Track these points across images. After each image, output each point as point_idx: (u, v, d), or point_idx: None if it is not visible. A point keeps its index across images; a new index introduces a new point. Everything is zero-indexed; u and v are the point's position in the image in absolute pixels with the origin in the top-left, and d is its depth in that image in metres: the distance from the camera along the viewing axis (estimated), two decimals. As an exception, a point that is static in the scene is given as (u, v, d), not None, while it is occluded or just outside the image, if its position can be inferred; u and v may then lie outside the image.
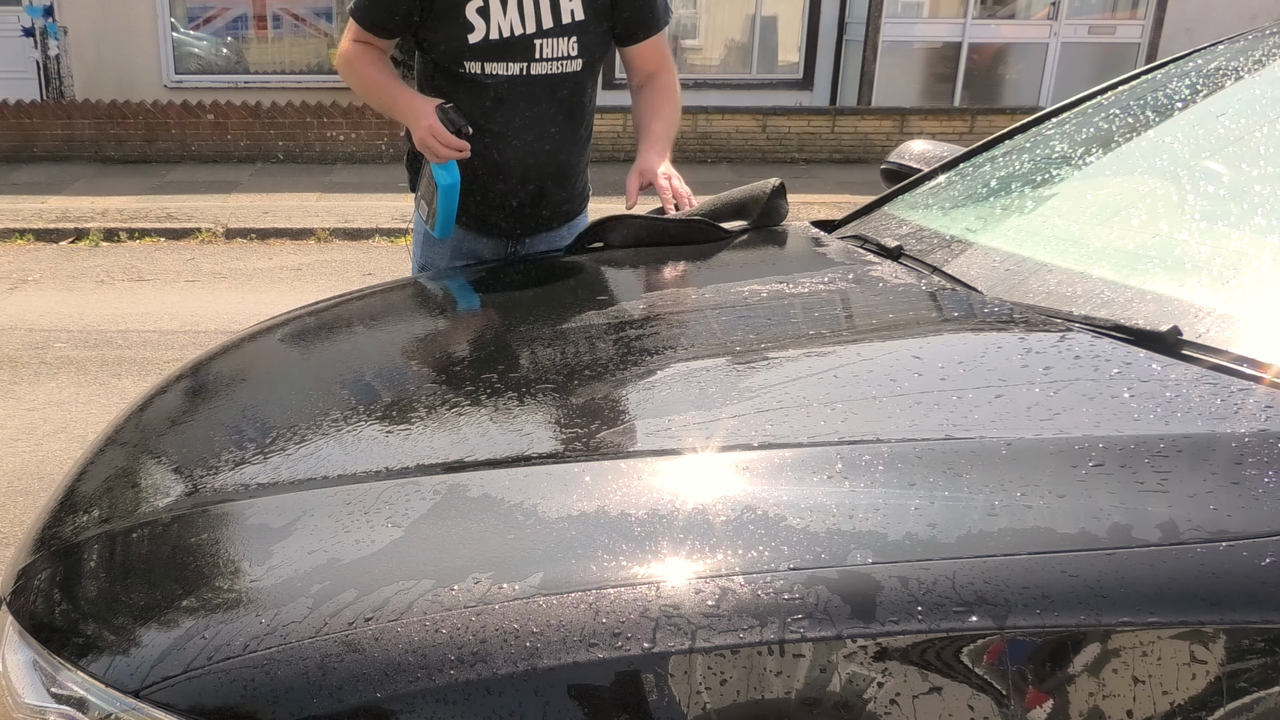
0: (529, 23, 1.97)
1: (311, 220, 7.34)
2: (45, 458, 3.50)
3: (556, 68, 2.01)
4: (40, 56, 9.99)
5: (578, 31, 2.00)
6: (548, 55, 2.00)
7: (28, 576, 1.08)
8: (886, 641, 0.79)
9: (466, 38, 1.96)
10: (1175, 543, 0.83)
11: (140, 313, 5.28)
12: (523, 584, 0.84)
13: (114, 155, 9.49)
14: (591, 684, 0.79)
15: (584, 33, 2.01)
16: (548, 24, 1.97)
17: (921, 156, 2.14)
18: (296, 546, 0.95)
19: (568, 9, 1.97)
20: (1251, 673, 0.81)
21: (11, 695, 0.98)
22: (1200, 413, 0.98)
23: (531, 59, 2.00)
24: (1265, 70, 1.62)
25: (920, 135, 8.45)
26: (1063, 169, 1.73)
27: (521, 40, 1.98)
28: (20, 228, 7.09)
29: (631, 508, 0.91)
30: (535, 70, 2.00)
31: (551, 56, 2.00)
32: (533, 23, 1.97)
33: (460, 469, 1.05)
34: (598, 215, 2.11)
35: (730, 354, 1.29)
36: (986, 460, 0.94)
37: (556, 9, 1.97)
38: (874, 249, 1.66)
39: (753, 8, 11.06)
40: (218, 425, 1.37)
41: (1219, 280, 1.27)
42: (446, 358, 1.50)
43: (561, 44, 2.00)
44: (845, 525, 0.87)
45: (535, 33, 1.97)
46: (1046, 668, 0.80)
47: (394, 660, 0.81)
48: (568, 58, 2.01)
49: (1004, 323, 1.25)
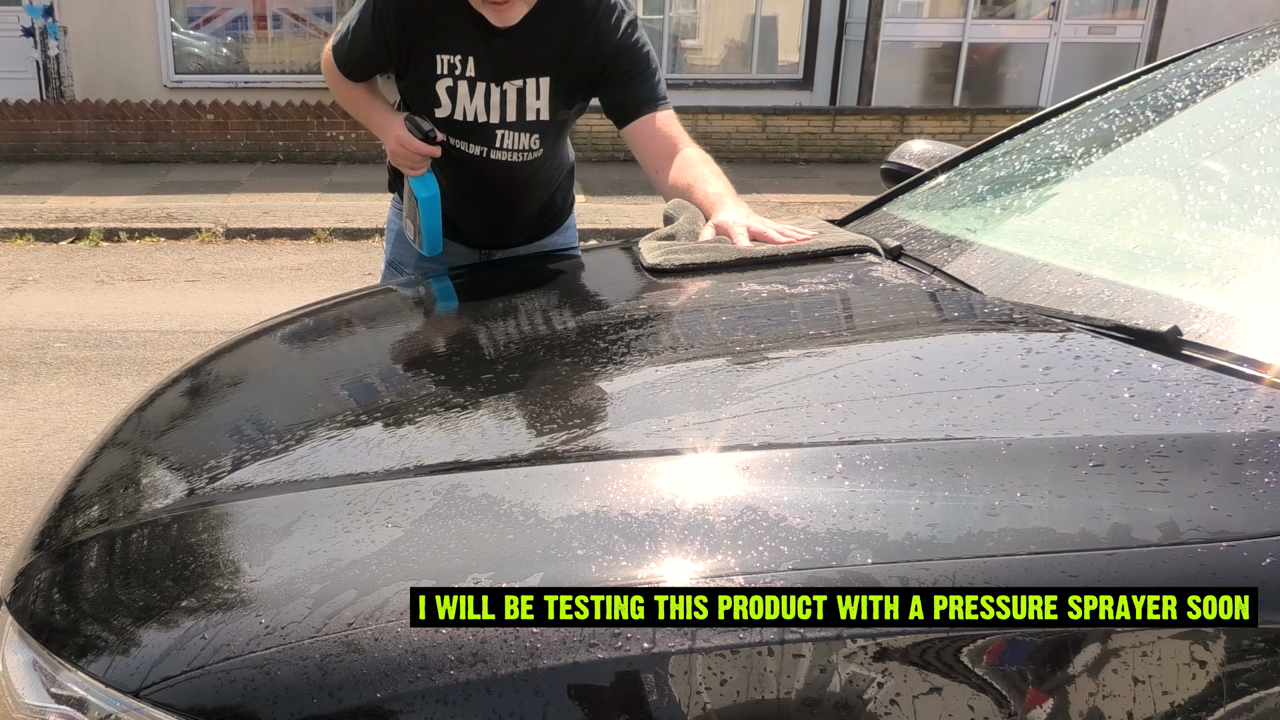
0: (493, 114, 1.95)
1: (311, 220, 7.35)
2: (45, 458, 3.50)
3: (517, 156, 2.01)
4: (40, 56, 9.99)
5: (539, 129, 1.98)
6: (508, 146, 2.00)
7: (28, 577, 1.08)
8: (886, 641, 0.79)
9: (434, 110, 1.98)
10: (1175, 543, 0.83)
11: (140, 313, 5.28)
12: (523, 584, 0.84)
13: (114, 155, 9.49)
14: (591, 684, 0.79)
15: (544, 130, 1.99)
16: (511, 118, 1.96)
17: (921, 156, 2.15)
18: (296, 546, 0.95)
19: (533, 108, 1.94)
20: (1251, 673, 0.81)
21: (11, 695, 0.98)
22: (1200, 413, 0.98)
23: (492, 146, 2.00)
24: (1265, 70, 1.62)
25: (920, 135, 8.45)
26: (1063, 169, 1.73)
27: (484, 127, 1.97)
28: (20, 228, 7.09)
29: (631, 508, 0.91)
30: (494, 156, 2.01)
31: (512, 147, 2.00)
32: (497, 114, 1.95)
33: (460, 469, 1.05)
34: (599, 215, 2.11)
35: (730, 354, 1.29)
36: (986, 460, 0.94)
37: (522, 107, 1.94)
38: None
39: (753, 8, 11.07)
40: (217, 425, 1.38)
41: (1219, 280, 1.27)
42: (446, 357, 1.50)
43: (523, 138, 1.99)
44: (845, 525, 0.87)
45: (498, 123, 1.97)
46: (1046, 668, 0.80)
47: (394, 660, 0.80)
48: (529, 150, 2.01)
49: (1004, 323, 1.25)
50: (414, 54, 1.92)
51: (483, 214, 2.15)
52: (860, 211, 1.96)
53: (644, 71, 1.92)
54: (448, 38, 1.88)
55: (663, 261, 1.63)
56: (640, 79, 1.92)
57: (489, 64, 1.90)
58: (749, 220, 1.76)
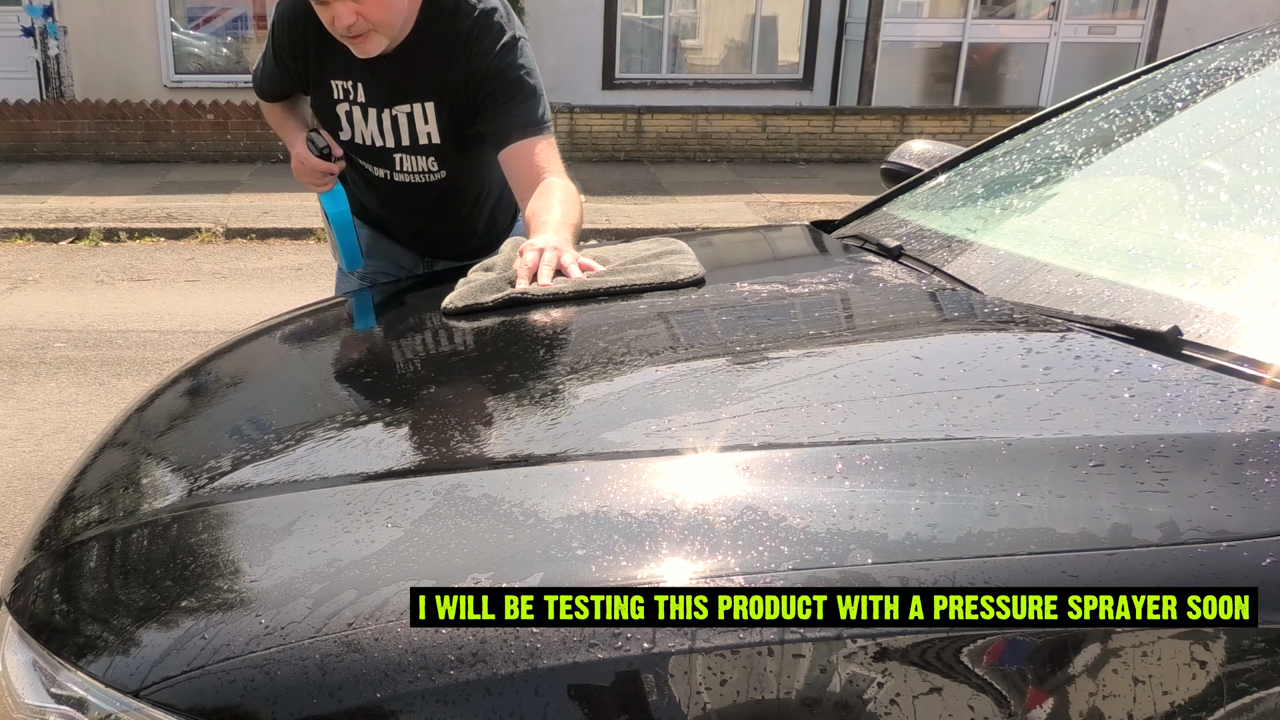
0: (387, 138, 1.98)
1: (311, 220, 7.34)
2: (45, 458, 3.50)
3: (419, 178, 2.03)
4: (40, 56, 9.99)
5: (434, 152, 1.98)
6: (408, 169, 2.02)
7: (27, 577, 1.08)
8: (886, 641, 0.79)
9: (338, 133, 2.01)
10: (1175, 543, 0.83)
11: (140, 313, 5.28)
12: (523, 584, 0.84)
13: (114, 155, 9.49)
14: (591, 684, 0.79)
15: (441, 153, 1.98)
16: (405, 142, 1.97)
17: (921, 156, 2.15)
18: (296, 546, 0.95)
19: (424, 131, 1.95)
20: (1251, 673, 0.81)
21: (11, 695, 0.98)
22: (1200, 413, 0.98)
23: (393, 169, 2.02)
24: (1265, 70, 1.62)
25: (920, 135, 8.45)
26: (1063, 169, 1.73)
27: (382, 151, 2.00)
28: (20, 228, 7.09)
29: (631, 508, 0.91)
30: (398, 179, 2.03)
31: (412, 170, 2.02)
32: (391, 139, 1.97)
33: (460, 469, 1.05)
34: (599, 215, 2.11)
35: (730, 354, 1.29)
36: (986, 460, 0.94)
37: (413, 131, 1.95)
38: (874, 249, 1.66)
39: (753, 8, 11.07)
40: (217, 425, 1.37)
41: (1219, 280, 1.27)
42: (446, 357, 1.50)
43: (420, 161, 2.00)
44: (845, 525, 0.87)
45: (394, 147, 1.99)
46: (1046, 668, 0.80)
47: (394, 660, 0.80)
48: (429, 172, 2.01)
49: (1004, 323, 1.25)
50: (312, 79, 1.98)
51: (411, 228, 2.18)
52: (860, 211, 1.96)
53: (516, 97, 1.85)
54: (338, 64, 1.91)
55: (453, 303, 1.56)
56: (513, 104, 1.85)
57: (375, 90, 1.92)
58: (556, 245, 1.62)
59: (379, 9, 1.75)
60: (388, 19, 1.78)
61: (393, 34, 1.82)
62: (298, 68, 1.97)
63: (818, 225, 1.96)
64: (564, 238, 1.67)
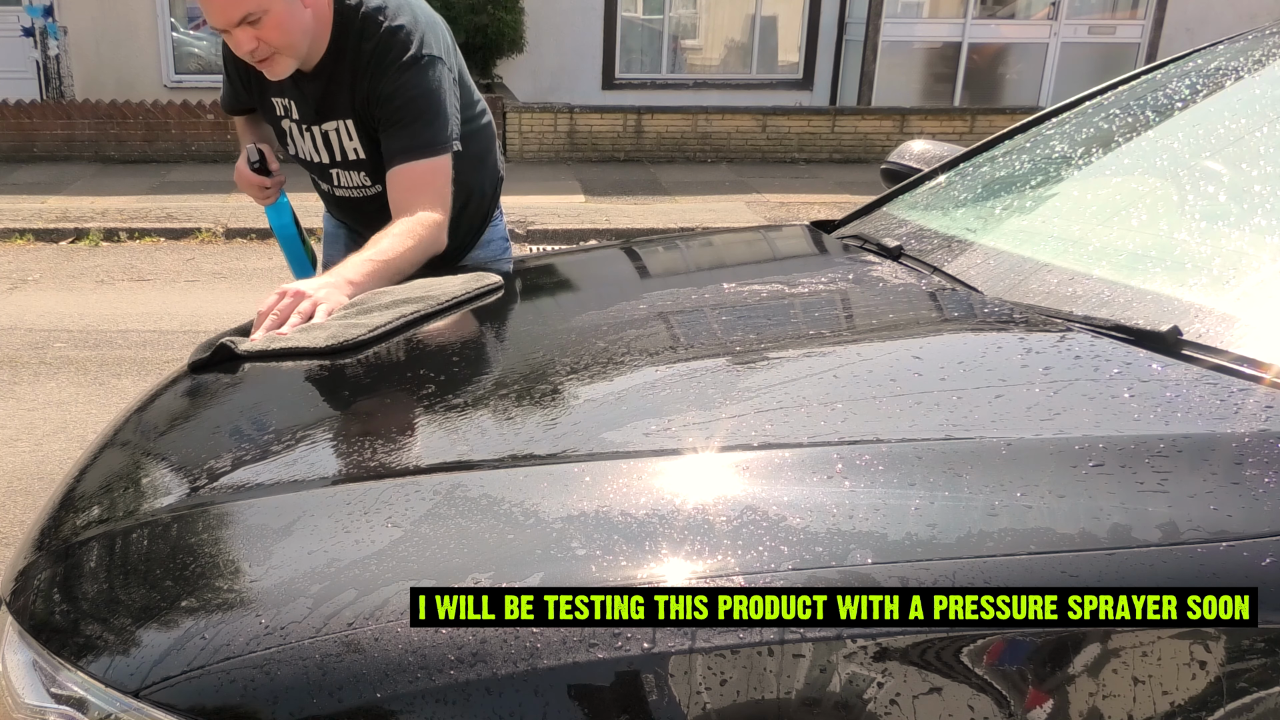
0: (321, 154, 2.02)
1: (311, 220, 7.33)
2: (45, 458, 3.50)
3: (357, 192, 2.06)
4: (40, 56, 9.99)
5: (364, 168, 2.00)
6: (345, 184, 2.05)
7: (27, 576, 1.08)
8: (886, 641, 0.79)
9: (286, 147, 2.07)
10: (1175, 543, 0.83)
11: (140, 313, 5.28)
12: (523, 584, 0.84)
13: (114, 155, 9.49)
14: (591, 684, 0.79)
15: (371, 168, 1.98)
16: (338, 157, 2.00)
17: (921, 156, 2.15)
18: (296, 546, 0.95)
19: (350, 147, 1.97)
20: (1251, 673, 0.81)
21: (11, 695, 0.98)
22: (1200, 413, 0.98)
23: (333, 184, 2.07)
24: (1265, 70, 1.62)
25: (920, 135, 8.45)
26: (1063, 169, 1.73)
27: (320, 166, 2.05)
28: (20, 228, 7.09)
29: (631, 508, 0.91)
30: (339, 193, 2.08)
31: (349, 185, 2.05)
32: (325, 154, 2.01)
33: (460, 469, 1.05)
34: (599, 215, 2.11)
35: (730, 354, 1.29)
36: (986, 460, 0.94)
37: (341, 147, 1.98)
38: (874, 249, 1.66)
39: (753, 8, 11.07)
40: (217, 425, 1.37)
41: (1219, 280, 1.27)
42: (445, 357, 1.50)
43: (354, 176, 2.03)
44: (845, 525, 0.87)
45: (329, 163, 2.02)
46: (1046, 668, 0.80)
47: (394, 660, 0.80)
48: (364, 186, 2.03)
49: (1004, 323, 1.25)
50: (256, 97, 2.04)
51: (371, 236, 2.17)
52: (860, 211, 1.96)
53: (405, 119, 1.81)
54: (275, 82, 1.92)
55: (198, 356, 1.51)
56: (401, 126, 1.82)
57: (304, 108, 1.96)
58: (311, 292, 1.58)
59: (276, 33, 1.76)
60: (288, 41, 1.78)
61: (299, 54, 1.82)
62: (244, 85, 2.04)
63: (818, 225, 1.96)
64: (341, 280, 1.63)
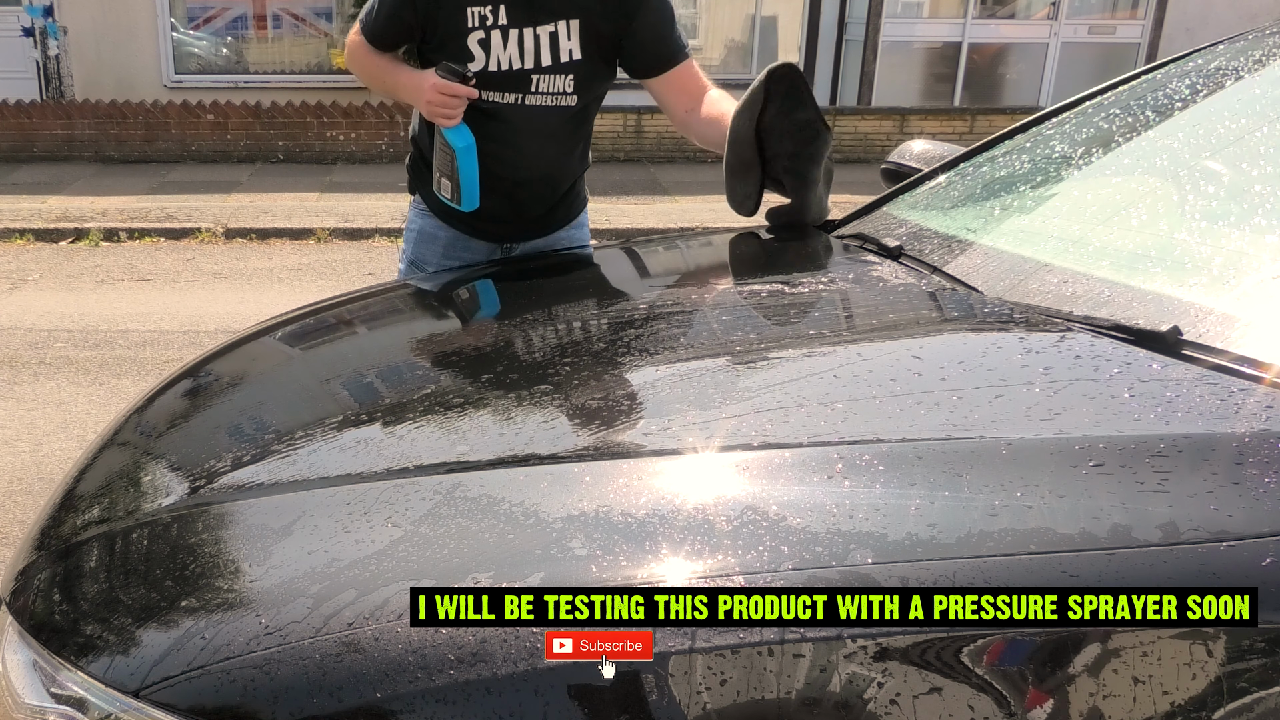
0: (528, 59, 2.00)
1: (311, 220, 7.35)
2: (45, 458, 3.50)
3: (551, 101, 2.04)
4: (40, 56, 9.99)
5: (574, 70, 2.01)
6: (544, 90, 2.03)
7: (28, 576, 1.08)
8: (886, 641, 0.79)
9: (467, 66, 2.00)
10: (1175, 543, 0.83)
11: (140, 313, 5.28)
12: (523, 584, 0.84)
13: (114, 155, 9.49)
14: (591, 684, 0.79)
15: (581, 72, 2.02)
16: (546, 62, 2.00)
17: (921, 156, 2.14)
18: (296, 546, 0.95)
19: (566, 48, 1.99)
20: (1251, 673, 0.81)
21: (11, 695, 0.98)
22: (1200, 413, 0.98)
23: (527, 91, 2.03)
24: (1265, 70, 1.62)
25: (920, 135, 8.45)
26: (1063, 169, 1.73)
27: (519, 74, 2.01)
28: (20, 228, 7.09)
29: (631, 508, 0.91)
30: (530, 102, 2.04)
31: (547, 91, 2.03)
32: (532, 59, 1.99)
33: (460, 469, 1.05)
34: (599, 215, 2.11)
35: (730, 354, 1.29)
36: (986, 460, 0.94)
37: (556, 49, 1.99)
38: (874, 249, 1.66)
39: (753, 8, 11.06)
40: (217, 425, 1.38)
41: (1219, 280, 1.27)
42: (446, 357, 1.50)
43: (558, 81, 2.02)
44: (845, 525, 0.87)
45: (533, 68, 2.00)
46: (1046, 668, 0.80)
47: (394, 660, 0.80)
48: (563, 93, 2.04)
49: (1004, 323, 1.25)
50: (442, 13, 1.98)
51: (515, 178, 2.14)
52: (860, 211, 1.96)
53: (672, 22, 2.03)
54: None
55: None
56: (670, 29, 2.03)
57: (520, 8, 1.96)
58: None
59: None
60: None
61: None
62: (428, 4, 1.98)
63: (818, 225, 1.96)
64: None
